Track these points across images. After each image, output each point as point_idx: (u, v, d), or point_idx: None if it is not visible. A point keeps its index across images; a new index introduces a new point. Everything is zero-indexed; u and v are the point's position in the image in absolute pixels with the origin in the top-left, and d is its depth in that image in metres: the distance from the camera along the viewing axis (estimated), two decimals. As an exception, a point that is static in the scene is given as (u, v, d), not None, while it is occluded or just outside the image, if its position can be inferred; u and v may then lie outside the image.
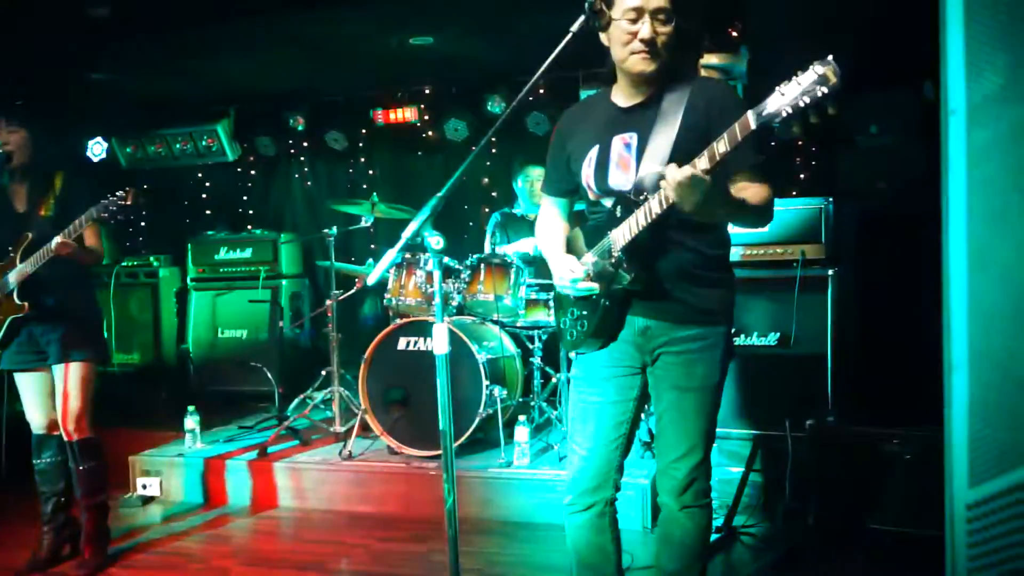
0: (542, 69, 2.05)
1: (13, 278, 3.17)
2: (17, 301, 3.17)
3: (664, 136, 2.09)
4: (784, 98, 1.77)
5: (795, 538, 3.27)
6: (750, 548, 3.33)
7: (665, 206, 1.97)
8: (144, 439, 4.86)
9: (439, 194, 1.98)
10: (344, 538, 3.67)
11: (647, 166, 2.09)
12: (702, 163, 1.88)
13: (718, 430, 2.31)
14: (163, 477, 4.33)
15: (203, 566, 3.41)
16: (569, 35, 2.04)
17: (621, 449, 2.30)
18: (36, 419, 3.42)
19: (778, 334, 4.04)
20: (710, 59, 4.11)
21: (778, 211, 4.02)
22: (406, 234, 1.98)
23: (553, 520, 3.65)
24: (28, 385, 3.38)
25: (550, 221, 2.46)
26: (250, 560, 3.45)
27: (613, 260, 2.14)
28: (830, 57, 1.73)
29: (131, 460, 4.39)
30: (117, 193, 3.00)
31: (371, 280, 2.03)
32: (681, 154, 1.99)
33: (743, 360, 4.03)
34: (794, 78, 1.75)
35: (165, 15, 4.32)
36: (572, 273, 2.18)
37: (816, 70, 1.73)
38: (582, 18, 2.03)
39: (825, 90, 1.73)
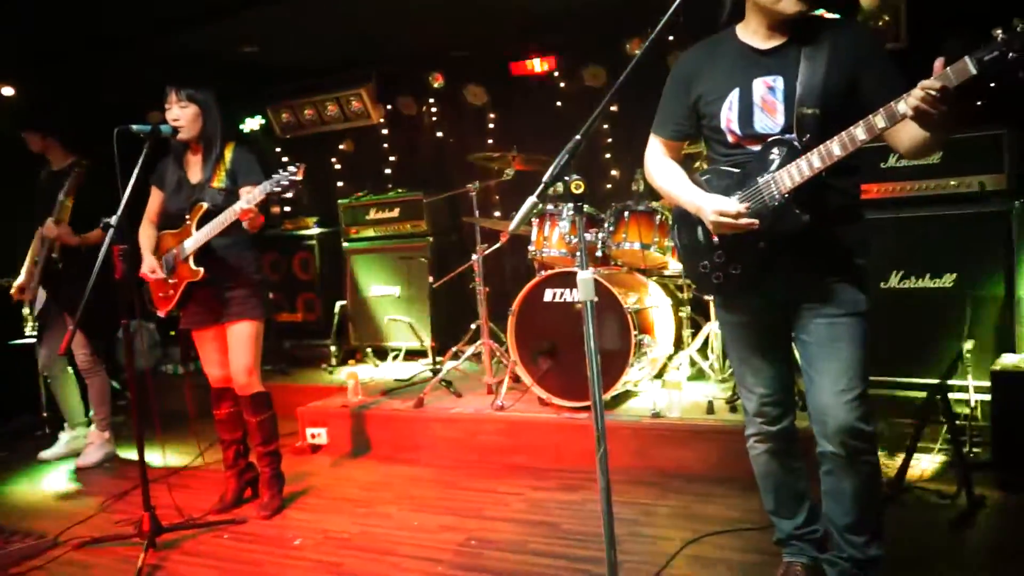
0: (668, 14, 1.91)
1: (190, 245, 3.41)
2: (193, 267, 3.40)
3: (813, 78, 2.06)
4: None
5: (975, 493, 3.02)
6: (927, 505, 3.11)
7: (848, 149, 1.97)
8: (311, 392, 5.18)
9: (576, 136, 1.92)
10: (499, 487, 3.75)
11: (801, 109, 2.07)
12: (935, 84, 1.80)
13: (887, 378, 2.22)
14: (329, 427, 4.59)
15: (368, 510, 3.59)
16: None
17: (790, 379, 2.39)
18: (213, 373, 3.68)
19: (953, 274, 3.70)
20: None
21: (954, 139, 3.68)
22: (546, 179, 1.93)
23: (704, 471, 3.58)
24: (205, 343, 3.64)
25: (667, 162, 2.42)
26: (412, 506, 3.59)
27: (779, 202, 2.11)
28: None
29: (299, 411, 4.68)
30: (289, 168, 3.10)
31: (511, 228, 2.00)
32: (834, 97, 2.04)
33: (911, 302, 3.74)
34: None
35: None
36: (736, 209, 2.11)
37: None
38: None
39: None
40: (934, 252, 3.76)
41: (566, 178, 1.92)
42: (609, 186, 5.73)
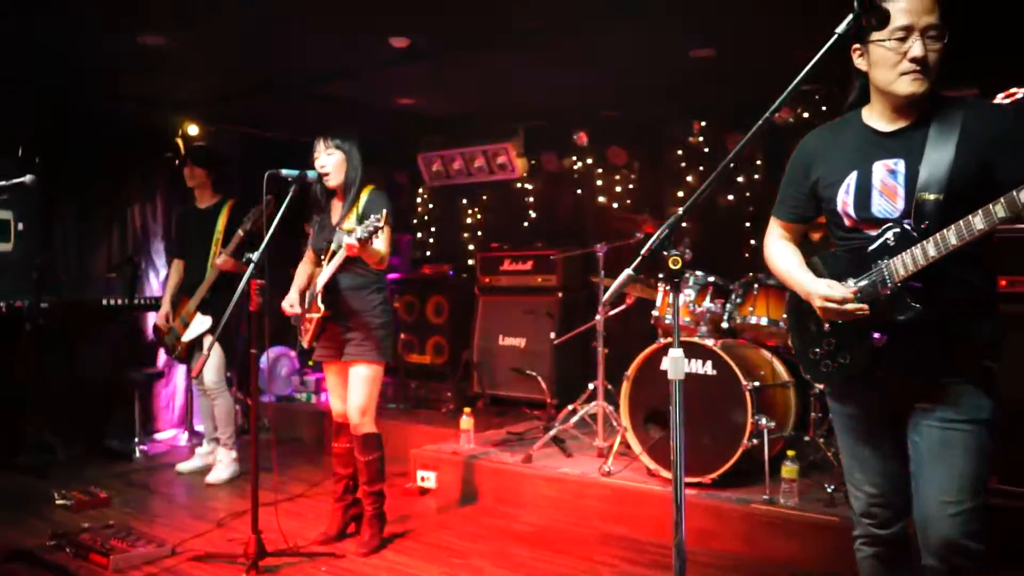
0: (802, 74, 1.88)
1: (319, 282, 3.61)
2: (319, 304, 3.60)
3: (938, 162, 1.95)
4: None
5: None
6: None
7: (965, 238, 1.85)
8: (427, 434, 5.30)
9: (679, 212, 1.90)
10: (594, 555, 3.66)
11: (921, 194, 1.96)
12: None
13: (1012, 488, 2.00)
14: (439, 472, 4.66)
15: (462, 562, 3.59)
16: (835, 36, 1.86)
17: (904, 480, 2.15)
18: (335, 407, 3.85)
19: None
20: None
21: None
22: (644, 252, 1.92)
23: (815, 567, 3.34)
24: (331, 376, 3.83)
25: (785, 245, 2.36)
26: (505, 563, 3.57)
27: (891, 290, 2.00)
28: None
29: (412, 453, 4.79)
30: (376, 215, 3.26)
31: (604, 299, 2.00)
32: (961, 181, 1.91)
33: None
34: None
35: (463, 42, 4.67)
36: (842, 295, 2.03)
37: None
38: (849, 18, 1.84)
39: None
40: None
41: (664, 253, 1.90)
42: (748, 255, 5.56)
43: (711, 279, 4.38)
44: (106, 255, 6.13)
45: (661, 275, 4.36)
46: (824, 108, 4.79)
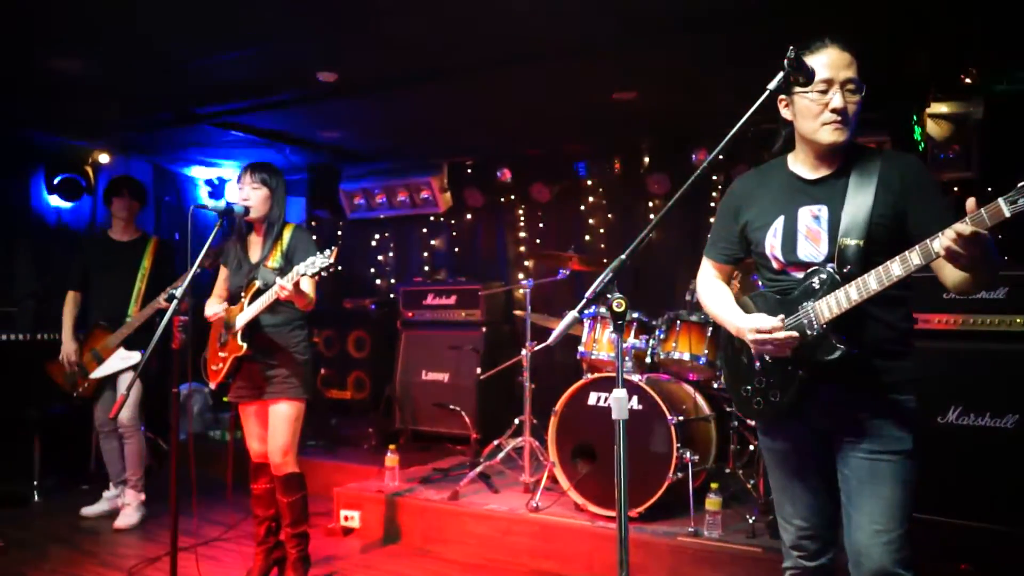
0: (737, 126, 1.97)
1: (239, 321, 3.51)
2: (239, 342, 3.49)
3: (858, 209, 2.08)
4: None
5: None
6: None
7: (884, 283, 1.95)
8: (349, 471, 5.19)
9: (621, 256, 1.95)
10: (525, 592, 3.66)
11: (843, 240, 2.08)
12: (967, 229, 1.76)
13: (937, 517, 2.12)
14: (363, 511, 4.56)
15: (390, 604, 3.52)
16: (766, 93, 1.98)
17: (832, 514, 2.26)
18: (254, 448, 3.72)
19: (1016, 416, 3.54)
20: (938, 108, 3.77)
21: (1021, 276, 3.59)
22: (588, 295, 1.96)
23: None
24: (248, 417, 3.70)
25: (717, 284, 2.47)
26: (434, 603, 3.52)
27: (817, 332, 2.10)
28: None
29: (336, 492, 4.67)
30: (325, 252, 3.22)
31: (550, 342, 2.03)
32: (879, 228, 2.05)
33: (967, 441, 3.58)
34: None
35: (383, 79, 4.68)
36: (771, 325, 2.11)
37: None
38: (780, 75, 1.96)
39: None
40: (997, 390, 3.61)
41: (608, 296, 1.95)
42: (666, 292, 5.72)
43: (635, 315, 4.49)
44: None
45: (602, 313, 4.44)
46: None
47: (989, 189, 4.05)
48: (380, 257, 7.39)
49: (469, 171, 6.68)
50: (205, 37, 4.02)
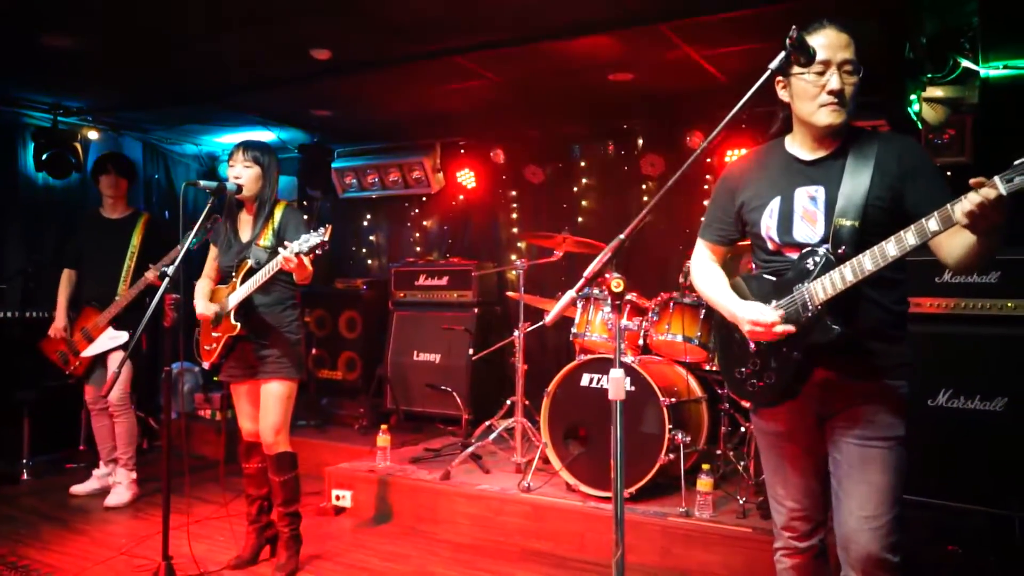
0: (738, 106, 1.96)
1: (232, 300, 3.49)
2: (232, 321, 3.47)
3: (854, 190, 2.07)
4: None
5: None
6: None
7: (879, 264, 1.94)
8: (342, 451, 5.19)
9: (620, 236, 1.94)
10: (516, 571, 3.67)
11: (839, 220, 2.07)
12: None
13: (926, 499, 2.12)
14: (355, 490, 4.57)
15: (383, 582, 3.54)
16: (767, 72, 1.96)
17: (823, 495, 2.27)
18: (246, 427, 3.72)
19: (1006, 399, 3.57)
20: (934, 92, 3.76)
21: (1013, 260, 3.61)
22: (587, 275, 1.96)
23: (734, 580, 3.45)
24: (240, 397, 3.69)
25: (710, 266, 2.45)
26: (426, 582, 3.54)
27: (811, 313, 2.09)
28: None
29: (327, 471, 4.68)
30: (319, 230, 3.17)
31: (547, 322, 2.02)
32: (875, 209, 2.04)
33: (959, 424, 3.61)
34: None
35: (377, 56, 4.63)
36: (771, 319, 2.10)
37: None
38: (782, 55, 1.94)
39: None
40: (987, 373, 3.64)
41: (607, 275, 1.94)
42: (659, 273, 5.72)
43: (629, 297, 4.49)
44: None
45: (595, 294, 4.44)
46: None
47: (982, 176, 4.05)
48: (372, 237, 7.36)
49: (462, 151, 6.65)
50: (198, 13, 3.96)
